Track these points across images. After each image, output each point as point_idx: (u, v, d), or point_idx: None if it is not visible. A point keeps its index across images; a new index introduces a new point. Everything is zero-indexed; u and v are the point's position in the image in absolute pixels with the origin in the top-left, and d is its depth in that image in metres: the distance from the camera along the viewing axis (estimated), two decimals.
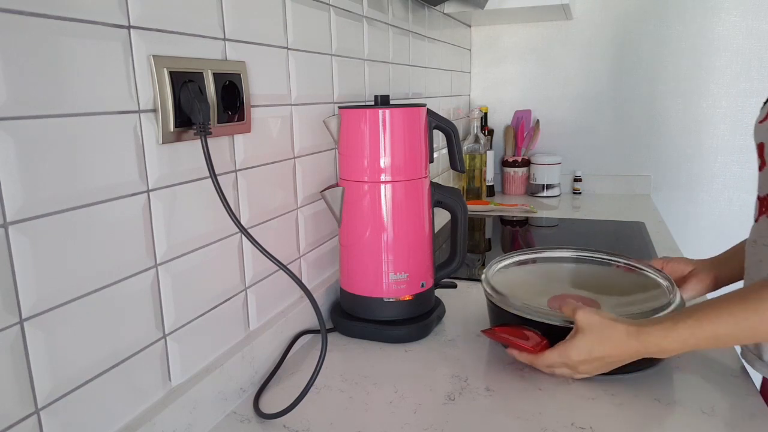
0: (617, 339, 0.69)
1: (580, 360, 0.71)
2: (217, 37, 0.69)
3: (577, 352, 0.71)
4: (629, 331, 0.68)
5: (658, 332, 0.66)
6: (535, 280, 0.94)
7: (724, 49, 1.83)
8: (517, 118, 2.04)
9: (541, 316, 0.77)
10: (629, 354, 0.69)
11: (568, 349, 0.72)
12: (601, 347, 0.70)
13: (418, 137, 0.89)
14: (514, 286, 0.87)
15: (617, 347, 0.69)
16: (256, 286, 0.80)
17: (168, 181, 0.63)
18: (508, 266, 0.96)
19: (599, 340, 0.70)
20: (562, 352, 0.72)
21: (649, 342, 0.67)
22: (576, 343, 0.71)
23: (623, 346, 0.68)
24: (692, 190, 1.95)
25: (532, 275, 0.96)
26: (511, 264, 0.97)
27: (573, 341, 0.72)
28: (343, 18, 1.03)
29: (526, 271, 0.97)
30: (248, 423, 0.69)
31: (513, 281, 0.90)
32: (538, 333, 0.77)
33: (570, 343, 0.72)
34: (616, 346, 0.69)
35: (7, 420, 0.46)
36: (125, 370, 0.58)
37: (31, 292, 0.48)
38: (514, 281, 0.90)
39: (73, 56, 0.50)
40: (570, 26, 1.96)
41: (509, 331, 0.79)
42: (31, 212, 0.47)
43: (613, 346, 0.69)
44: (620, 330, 0.68)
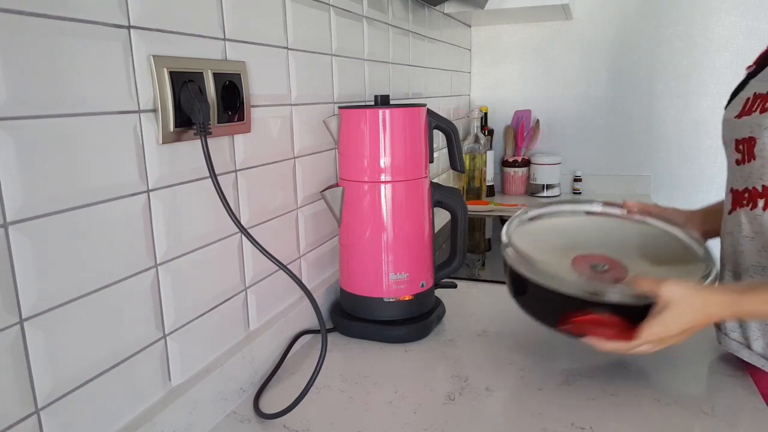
0: (713, 309, 0.66)
1: (674, 335, 0.67)
2: (217, 37, 0.69)
3: (674, 328, 0.66)
4: (723, 302, 0.66)
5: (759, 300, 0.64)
6: (554, 241, 0.86)
7: (724, 49, 1.83)
8: (517, 118, 2.04)
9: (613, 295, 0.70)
10: (723, 318, 0.68)
11: (662, 328, 0.67)
12: (694, 319, 0.66)
13: (418, 137, 0.89)
14: (535, 251, 0.78)
15: (713, 316, 0.67)
16: (256, 286, 0.80)
17: (168, 181, 0.63)
18: (523, 225, 0.88)
19: (694, 312, 0.66)
20: (658, 331, 0.67)
21: (746, 310, 0.66)
22: (671, 321, 0.66)
23: (719, 315, 0.68)
24: (692, 190, 1.95)
25: (549, 235, 0.88)
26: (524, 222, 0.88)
27: (666, 317, 0.66)
28: (343, 18, 1.03)
29: (543, 230, 0.89)
30: (248, 423, 0.69)
31: (532, 245, 0.81)
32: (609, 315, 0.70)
33: (662, 321, 0.66)
34: (712, 315, 0.67)
35: (7, 420, 0.46)
36: (125, 370, 0.58)
37: (31, 292, 0.48)
38: (533, 245, 0.81)
39: (73, 56, 0.50)
40: (570, 26, 1.96)
41: (587, 320, 0.70)
42: (31, 212, 0.47)
43: (708, 316, 0.66)
44: (715, 301, 0.66)
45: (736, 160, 0.75)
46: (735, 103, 0.77)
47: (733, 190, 0.76)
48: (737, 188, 0.75)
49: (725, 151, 0.79)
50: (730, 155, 0.77)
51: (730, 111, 0.78)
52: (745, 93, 0.76)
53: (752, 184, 0.72)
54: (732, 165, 0.76)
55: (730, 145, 0.76)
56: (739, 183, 0.75)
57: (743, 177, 0.74)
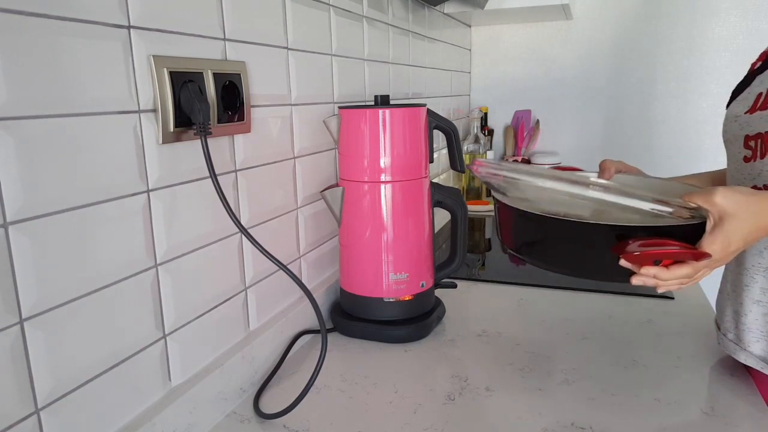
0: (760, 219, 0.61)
1: (736, 249, 0.62)
2: (217, 37, 0.69)
3: (737, 239, 0.61)
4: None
5: None
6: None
7: (724, 49, 1.83)
8: (517, 118, 2.04)
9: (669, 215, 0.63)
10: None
11: (728, 239, 0.61)
12: (757, 229, 0.62)
13: (418, 137, 0.89)
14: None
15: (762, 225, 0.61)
16: (256, 286, 0.80)
17: (168, 181, 0.63)
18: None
19: (754, 220, 0.61)
20: (723, 247, 0.61)
21: None
22: (733, 231, 0.61)
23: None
24: None
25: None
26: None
27: (727, 229, 0.61)
28: (343, 18, 1.03)
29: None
30: (248, 423, 0.69)
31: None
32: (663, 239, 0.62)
33: (725, 232, 0.61)
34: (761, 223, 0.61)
35: (7, 420, 0.46)
36: (125, 370, 0.58)
37: (31, 292, 0.48)
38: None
39: (73, 56, 0.50)
40: (570, 26, 1.96)
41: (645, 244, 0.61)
42: (31, 212, 0.47)
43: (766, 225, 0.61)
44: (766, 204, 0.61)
45: (744, 156, 0.72)
46: (743, 98, 0.74)
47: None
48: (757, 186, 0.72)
49: (728, 149, 0.77)
50: (737, 152, 0.74)
51: (737, 107, 0.75)
52: (755, 89, 0.73)
53: (763, 181, 0.69)
54: (738, 162, 0.74)
55: (737, 142, 0.73)
56: (747, 181, 0.72)
57: (752, 174, 0.71)
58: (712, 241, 0.61)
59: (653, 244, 0.61)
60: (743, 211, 0.61)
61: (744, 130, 0.72)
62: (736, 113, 0.74)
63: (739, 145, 0.73)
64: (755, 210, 0.61)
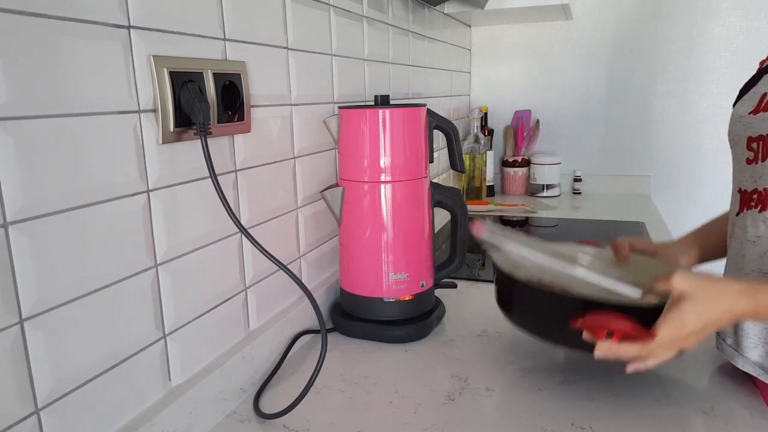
0: (729, 300, 0.61)
1: (691, 331, 0.61)
2: (217, 37, 0.69)
3: (690, 322, 0.61)
4: (742, 290, 0.61)
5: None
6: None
7: (724, 49, 1.82)
8: (517, 118, 2.04)
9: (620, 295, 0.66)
10: (739, 315, 0.62)
11: (679, 323, 0.61)
12: (714, 309, 0.61)
13: (418, 137, 0.89)
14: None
15: (729, 309, 0.61)
16: (256, 286, 0.80)
17: (168, 181, 0.63)
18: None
19: (711, 301, 0.61)
20: (674, 330, 0.61)
21: (764, 301, 0.60)
22: (686, 314, 0.61)
23: (736, 308, 0.61)
24: (692, 190, 1.95)
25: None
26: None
27: (681, 312, 0.61)
28: (343, 18, 1.03)
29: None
30: (248, 423, 0.69)
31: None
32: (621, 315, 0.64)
33: (677, 314, 0.61)
34: (729, 308, 0.61)
35: (7, 420, 0.46)
36: (125, 370, 0.58)
37: (31, 292, 0.48)
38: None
39: (73, 56, 0.50)
40: (570, 26, 1.96)
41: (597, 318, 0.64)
42: (31, 212, 0.47)
43: (726, 307, 0.61)
44: (732, 290, 0.61)
45: (747, 158, 0.71)
46: (748, 98, 0.72)
47: (742, 190, 0.72)
48: (746, 188, 0.72)
49: (732, 150, 0.76)
50: (740, 153, 0.73)
51: (742, 106, 0.72)
52: (761, 88, 0.71)
53: (764, 185, 0.68)
54: (741, 164, 0.73)
55: (740, 143, 0.72)
56: (748, 183, 0.71)
57: (753, 177, 0.70)
58: (664, 321, 0.61)
59: (604, 319, 0.63)
60: (700, 295, 0.61)
61: (747, 131, 0.71)
62: (740, 113, 0.72)
63: (743, 146, 0.72)
64: (713, 297, 0.61)
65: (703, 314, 0.61)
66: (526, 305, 0.74)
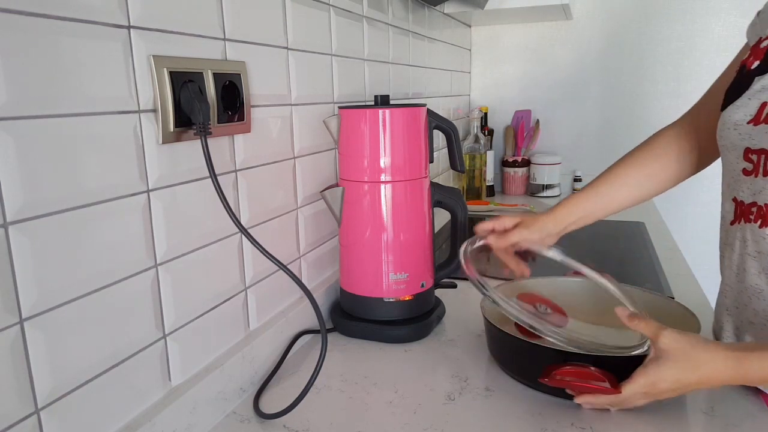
0: (713, 367, 0.61)
1: (667, 389, 0.63)
2: (217, 37, 0.69)
3: (666, 380, 0.62)
4: (728, 358, 0.60)
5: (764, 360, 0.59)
6: None
7: (724, 49, 1.82)
8: (517, 118, 2.04)
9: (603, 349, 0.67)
10: (723, 381, 0.61)
11: (655, 379, 0.63)
12: (693, 375, 0.61)
13: (418, 137, 0.89)
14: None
15: (712, 376, 0.61)
16: (256, 286, 0.80)
17: (168, 181, 0.63)
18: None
19: (692, 367, 0.61)
20: (648, 384, 0.63)
21: (752, 370, 0.59)
22: (663, 372, 0.62)
23: (719, 375, 0.61)
24: (692, 190, 1.95)
25: None
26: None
27: (659, 369, 0.62)
28: (343, 18, 1.03)
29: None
30: (248, 423, 0.69)
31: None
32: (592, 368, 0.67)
33: (655, 371, 0.63)
34: (711, 374, 0.61)
35: (7, 420, 0.46)
36: (125, 370, 0.58)
37: (31, 292, 0.48)
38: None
39: (73, 56, 0.50)
40: (570, 26, 1.96)
41: (571, 372, 0.67)
42: (31, 212, 0.47)
43: (707, 374, 0.61)
44: (718, 357, 0.61)
45: (743, 169, 0.68)
46: (742, 104, 0.69)
47: (738, 200, 0.70)
48: (743, 200, 0.70)
49: (724, 155, 0.74)
50: (735, 161, 0.70)
51: (736, 113, 0.69)
52: (759, 95, 0.67)
53: (764, 200, 0.66)
54: (735, 173, 0.71)
55: (735, 151, 0.70)
56: (745, 195, 0.69)
57: (752, 190, 0.68)
58: (641, 374, 0.63)
59: (577, 374, 0.67)
60: (684, 359, 0.62)
61: (745, 142, 0.68)
62: (735, 120, 0.69)
63: (738, 155, 0.69)
64: (696, 363, 0.61)
65: (682, 378, 0.62)
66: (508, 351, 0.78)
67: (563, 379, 0.68)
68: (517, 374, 0.76)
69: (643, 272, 1.17)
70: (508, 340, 0.74)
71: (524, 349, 0.72)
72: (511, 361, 0.77)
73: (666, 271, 1.18)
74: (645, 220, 1.60)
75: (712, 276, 2.03)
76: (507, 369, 0.78)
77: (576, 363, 0.67)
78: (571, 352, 0.67)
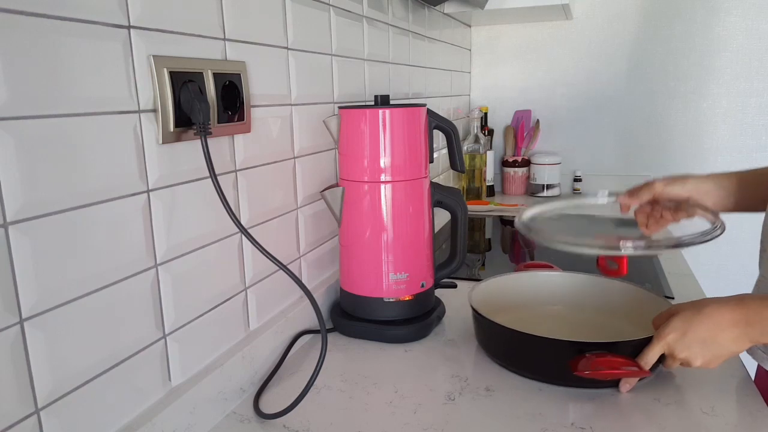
0: (717, 305, 0.64)
1: (677, 339, 0.66)
2: (217, 37, 0.69)
3: (675, 326, 0.66)
4: (730, 299, 0.63)
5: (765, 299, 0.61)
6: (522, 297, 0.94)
7: (724, 49, 1.82)
8: (517, 118, 2.04)
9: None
10: (727, 317, 0.63)
11: (663, 330, 0.67)
12: (698, 316, 0.64)
13: (418, 137, 0.89)
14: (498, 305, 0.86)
15: (716, 312, 0.64)
16: (256, 286, 0.80)
17: (168, 181, 0.63)
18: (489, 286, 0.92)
19: (695, 310, 0.65)
20: (658, 338, 0.67)
21: (753, 305, 0.62)
22: (670, 323, 0.67)
23: (722, 310, 0.63)
24: None
25: (515, 291, 0.95)
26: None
27: (668, 322, 0.67)
28: (343, 18, 1.03)
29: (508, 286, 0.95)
30: (248, 423, 0.69)
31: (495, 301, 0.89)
32: (614, 354, 0.71)
33: (663, 325, 0.67)
34: (712, 312, 0.64)
35: (7, 420, 0.46)
36: (125, 370, 0.58)
37: (31, 292, 0.48)
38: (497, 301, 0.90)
39: (73, 56, 0.50)
40: (570, 26, 1.96)
41: (601, 362, 0.70)
42: (31, 212, 0.47)
43: (709, 314, 0.64)
44: (720, 299, 0.64)
45: None
46: None
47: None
48: None
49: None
50: None
51: None
52: None
53: None
54: None
55: None
56: None
57: None
58: (654, 336, 0.68)
59: (603, 363, 0.70)
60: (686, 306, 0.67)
61: None
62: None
63: None
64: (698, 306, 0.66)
65: (687, 319, 0.65)
66: (521, 353, 0.79)
67: (599, 370, 0.69)
68: (534, 372, 0.77)
69: (643, 272, 1.17)
70: (519, 338, 0.75)
71: (540, 344, 0.74)
72: (526, 361, 0.78)
73: (666, 271, 1.18)
74: None
75: (712, 276, 2.04)
76: (513, 367, 0.79)
77: (597, 352, 0.70)
78: (582, 343, 0.71)
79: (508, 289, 0.94)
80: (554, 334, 0.72)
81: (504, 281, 0.94)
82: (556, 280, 0.96)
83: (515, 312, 0.91)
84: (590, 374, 0.69)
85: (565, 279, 0.96)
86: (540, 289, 0.95)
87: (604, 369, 0.69)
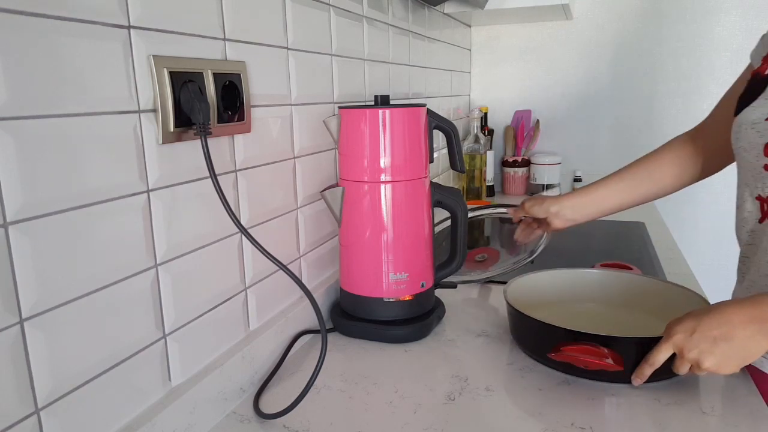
0: (727, 303, 0.64)
1: (685, 337, 0.65)
2: (217, 37, 0.69)
3: (682, 327, 0.66)
4: (743, 300, 0.63)
5: None
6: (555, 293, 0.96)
7: (724, 49, 1.83)
8: (517, 118, 2.04)
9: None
10: (738, 313, 0.63)
11: (672, 328, 0.67)
12: (708, 315, 0.64)
13: (418, 137, 0.89)
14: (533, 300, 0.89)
15: (727, 308, 0.63)
16: (256, 286, 0.80)
17: (168, 181, 0.63)
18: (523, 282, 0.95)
19: (705, 310, 0.65)
20: (667, 336, 0.67)
21: (765, 301, 0.61)
22: (680, 321, 0.67)
23: (734, 306, 0.63)
24: (692, 190, 1.95)
25: (550, 287, 0.97)
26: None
27: (676, 320, 0.67)
28: (343, 18, 1.03)
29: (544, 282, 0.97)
30: (248, 423, 0.69)
31: (530, 295, 0.92)
32: (604, 348, 0.72)
33: (673, 323, 0.68)
34: (726, 307, 0.64)
35: (7, 420, 0.46)
36: (125, 370, 0.58)
37: (31, 292, 0.48)
38: (532, 296, 0.92)
39: (73, 56, 0.50)
40: (570, 26, 1.96)
41: (578, 350, 0.72)
42: (31, 212, 0.47)
43: (720, 312, 0.63)
44: (732, 301, 0.64)
45: (765, 165, 0.70)
46: (759, 105, 0.72)
47: (763, 197, 0.72)
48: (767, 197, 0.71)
49: (741, 157, 0.75)
50: (753, 160, 0.72)
51: (752, 113, 0.73)
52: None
53: None
54: (756, 170, 0.72)
55: (753, 150, 0.72)
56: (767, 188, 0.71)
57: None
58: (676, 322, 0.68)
59: (587, 351, 0.72)
60: (699, 309, 0.67)
61: (764, 138, 0.70)
62: (752, 120, 0.72)
63: (757, 153, 0.71)
64: (710, 308, 0.66)
65: (697, 317, 0.65)
66: (530, 334, 0.83)
67: (571, 355, 0.72)
68: (541, 355, 0.79)
69: (643, 272, 1.17)
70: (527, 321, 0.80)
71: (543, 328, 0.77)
72: (534, 342, 0.82)
73: (666, 271, 1.18)
74: (645, 220, 1.60)
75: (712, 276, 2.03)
76: (528, 350, 0.83)
77: (587, 342, 0.72)
78: (578, 333, 0.73)
79: (544, 285, 0.96)
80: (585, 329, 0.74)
81: (539, 278, 0.96)
82: (593, 278, 0.97)
83: (549, 309, 0.92)
84: (563, 357, 0.73)
85: (602, 277, 0.97)
86: (576, 287, 0.97)
87: (579, 356, 0.72)
